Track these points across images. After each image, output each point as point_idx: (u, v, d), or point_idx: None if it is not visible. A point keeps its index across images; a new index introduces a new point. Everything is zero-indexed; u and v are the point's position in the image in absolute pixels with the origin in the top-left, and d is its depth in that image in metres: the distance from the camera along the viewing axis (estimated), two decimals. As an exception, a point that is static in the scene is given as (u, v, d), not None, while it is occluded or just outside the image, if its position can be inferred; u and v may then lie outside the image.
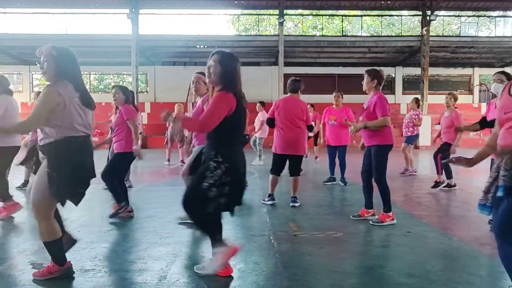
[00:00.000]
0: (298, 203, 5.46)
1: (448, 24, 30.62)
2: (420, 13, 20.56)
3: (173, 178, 8.40)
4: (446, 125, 6.88)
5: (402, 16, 26.69)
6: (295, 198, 5.49)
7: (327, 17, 27.52)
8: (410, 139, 9.14)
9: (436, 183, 7.11)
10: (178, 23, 56.02)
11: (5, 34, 20.09)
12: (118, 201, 4.74)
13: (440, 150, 7.01)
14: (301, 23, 31.57)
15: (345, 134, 7.42)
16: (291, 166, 5.51)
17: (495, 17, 24.18)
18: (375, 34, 28.96)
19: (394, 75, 23.80)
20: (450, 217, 5.23)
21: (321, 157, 11.28)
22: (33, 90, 22.61)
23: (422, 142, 17.80)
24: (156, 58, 22.24)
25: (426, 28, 19.64)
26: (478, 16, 24.16)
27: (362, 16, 24.08)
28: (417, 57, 20.89)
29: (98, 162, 3.13)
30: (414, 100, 9.16)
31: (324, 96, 16.81)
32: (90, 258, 3.29)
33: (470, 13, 22.76)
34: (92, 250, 3.49)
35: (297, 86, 5.60)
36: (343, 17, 24.01)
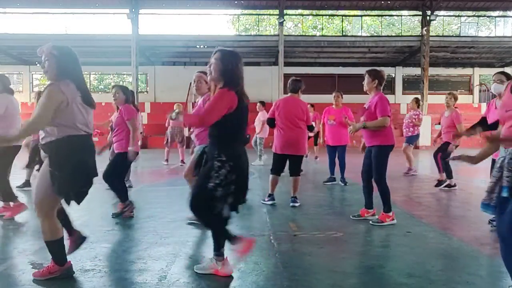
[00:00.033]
0: (298, 203, 5.46)
1: (448, 24, 30.62)
2: (420, 13, 20.55)
3: (173, 178, 8.41)
4: (447, 125, 6.88)
5: (402, 16, 26.69)
6: (295, 198, 5.49)
7: (327, 17, 27.51)
8: (410, 139, 9.13)
9: (439, 182, 7.12)
10: (178, 23, 56.11)
11: (5, 34, 20.09)
12: (123, 200, 4.75)
13: (440, 150, 7.02)
14: (301, 23, 31.56)
15: (344, 134, 7.41)
16: (291, 166, 5.51)
17: (495, 17, 24.18)
18: (375, 34, 28.96)
19: (394, 75, 23.77)
20: (450, 217, 5.24)
21: (321, 157, 11.27)
22: (33, 90, 22.60)
23: (422, 142, 17.77)
24: (156, 58, 22.24)
25: (426, 28, 19.63)
26: (478, 16, 24.16)
27: (362, 16, 24.07)
28: (417, 57, 20.88)
29: (100, 163, 3.13)
30: (414, 100, 9.16)
31: (324, 96, 16.77)
32: (90, 258, 3.29)
33: (470, 13, 22.76)
34: (92, 250, 3.49)
35: (297, 86, 5.60)
36: (343, 17, 24.00)
